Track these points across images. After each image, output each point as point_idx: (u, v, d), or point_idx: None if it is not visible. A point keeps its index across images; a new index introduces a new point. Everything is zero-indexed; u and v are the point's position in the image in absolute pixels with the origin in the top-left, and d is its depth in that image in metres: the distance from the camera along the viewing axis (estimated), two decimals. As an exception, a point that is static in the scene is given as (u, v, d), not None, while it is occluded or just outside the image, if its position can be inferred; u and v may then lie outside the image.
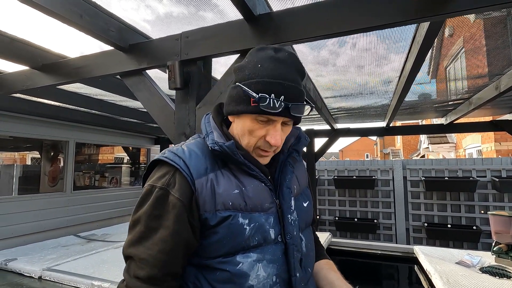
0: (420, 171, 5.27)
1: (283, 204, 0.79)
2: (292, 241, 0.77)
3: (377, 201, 5.55)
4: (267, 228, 0.74)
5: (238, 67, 0.78)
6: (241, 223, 0.72)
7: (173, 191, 0.71)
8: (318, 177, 5.93)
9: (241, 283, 0.70)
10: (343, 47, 2.19)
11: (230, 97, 0.77)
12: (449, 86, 3.12)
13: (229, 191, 0.73)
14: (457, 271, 2.74)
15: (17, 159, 6.72)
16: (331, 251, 3.91)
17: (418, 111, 3.99)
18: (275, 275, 0.74)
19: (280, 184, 0.81)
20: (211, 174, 0.74)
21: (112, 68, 1.72)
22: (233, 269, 0.70)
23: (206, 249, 0.72)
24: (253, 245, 0.72)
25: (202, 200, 0.71)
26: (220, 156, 0.76)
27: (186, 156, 0.74)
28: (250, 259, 0.72)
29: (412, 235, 5.25)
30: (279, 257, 0.75)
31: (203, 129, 0.82)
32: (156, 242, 0.70)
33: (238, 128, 0.78)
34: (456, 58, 2.66)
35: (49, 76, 1.95)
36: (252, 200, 0.74)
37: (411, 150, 18.36)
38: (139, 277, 0.69)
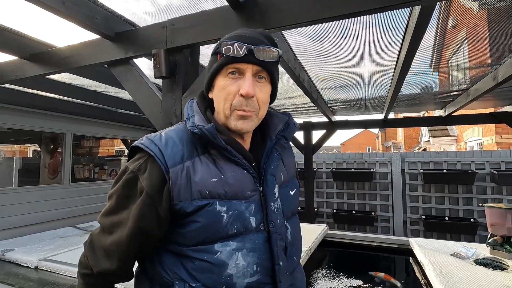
0: (419, 163, 5.24)
1: (267, 192, 0.77)
2: (275, 229, 0.75)
3: (375, 194, 5.54)
4: (247, 216, 0.73)
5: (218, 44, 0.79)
6: (218, 211, 0.70)
7: (141, 178, 0.72)
8: (316, 170, 5.92)
9: (220, 272, 0.69)
10: (344, 39, 2.15)
11: (207, 70, 0.80)
12: (451, 78, 3.07)
13: (206, 179, 0.71)
14: (451, 263, 2.74)
15: (16, 152, 6.76)
16: (327, 243, 3.92)
17: (416, 103, 3.95)
18: (255, 263, 0.72)
19: (264, 171, 0.79)
20: (188, 162, 0.72)
21: (99, 57, 1.70)
22: (211, 258, 0.69)
23: (184, 237, 0.71)
24: (232, 233, 0.71)
25: (177, 189, 0.70)
26: (201, 141, 0.75)
27: (162, 143, 0.73)
28: (229, 247, 0.70)
29: (409, 227, 5.25)
30: (261, 246, 0.74)
31: (185, 112, 0.80)
32: (121, 221, 0.72)
33: (216, 96, 0.77)
34: (459, 50, 2.61)
35: (38, 66, 1.94)
36: (232, 187, 0.72)
37: (412, 144, 18.27)
38: (97, 247, 0.74)
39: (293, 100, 3.69)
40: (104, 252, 0.72)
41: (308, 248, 3.02)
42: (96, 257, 0.73)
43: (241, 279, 0.70)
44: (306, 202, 4.96)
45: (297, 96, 3.43)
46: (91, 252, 0.75)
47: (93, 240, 0.76)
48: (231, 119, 0.75)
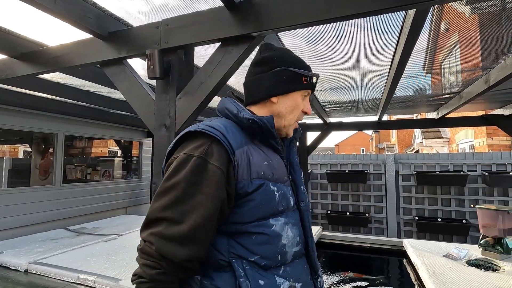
0: (412, 165, 5.29)
1: (296, 177, 0.93)
2: (305, 207, 0.91)
3: (369, 195, 5.58)
4: (288, 196, 0.85)
5: (268, 57, 0.90)
6: (272, 190, 0.80)
7: (212, 160, 0.75)
8: (311, 171, 5.93)
9: (276, 242, 0.79)
10: (339, 41, 2.16)
11: (278, 80, 0.88)
12: (444, 81, 3.10)
13: (261, 162, 0.81)
14: (443, 264, 2.77)
15: (6, 152, 6.63)
16: (321, 244, 3.93)
17: (410, 105, 3.98)
18: (298, 235, 0.86)
19: (290, 162, 0.94)
20: (246, 146, 0.81)
21: (91, 57, 1.67)
22: (269, 231, 0.78)
23: (242, 215, 0.77)
24: (281, 210, 0.82)
25: (241, 169, 0.77)
26: (253, 131, 0.84)
27: (223, 128, 0.79)
28: (280, 222, 0.81)
29: (403, 228, 5.29)
30: (298, 221, 0.88)
31: (232, 107, 0.87)
32: (195, 205, 0.72)
33: (287, 105, 0.90)
34: (451, 53, 2.65)
35: (28, 65, 1.89)
36: (277, 171, 0.84)
37: (406, 145, 18.46)
38: (172, 237, 0.71)
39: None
40: (184, 240, 0.71)
41: (303, 250, 3.02)
42: (176, 248, 0.70)
43: (291, 248, 0.82)
44: (301, 204, 4.97)
45: (292, 97, 3.43)
46: (167, 245, 0.70)
47: (163, 234, 0.71)
48: (290, 127, 0.93)
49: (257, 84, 0.90)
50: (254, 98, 0.91)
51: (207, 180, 0.73)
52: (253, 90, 0.91)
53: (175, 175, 0.75)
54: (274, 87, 0.88)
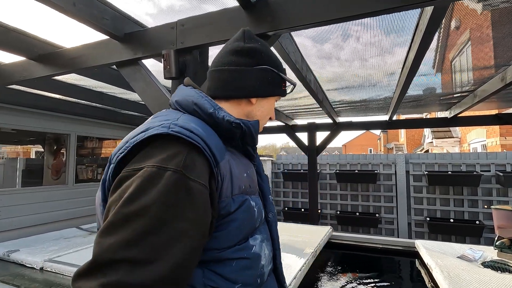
0: (423, 165, 5.21)
1: (263, 186, 0.82)
2: (273, 218, 0.82)
3: (379, 195, 5.52)
4: (261, 208, 0.76)
5: (254, 50, 0.79)
6: (252, 205, 0.70)
7: (193, 176, 0.56)
8: (320, 171, 5.90)
9: (257, 265, 0.70)
10: (346, 40, 2.15)
11: (263, 80, 0.79)
12: (454, 79, 3.05)
13: (241, 173, 0.70)
14: (458, 265, 2.72)
15: (20, 153, 6.78)
16: (332, 245, 3.89)
17: (421, 104, 3.93)
18: (271, 251, 0.78)
19: (258, 168, 0.84)
20: (226, 155, 0.67)
21: (108, 58, 1.69)
22: (250, 254, 0.69)
23: (223, 239, 0.65)
24: (257, 226, 0.73)
25: (226, 185, 0.64)
26: (232, 136, 0.71)
27: (202, 133, 0.62)
28: (258, 240, 0.72)
29: (414, 229, 5.22)
30: (268, 235, 0.79)
31: (205, 103, 0.70)
32: (175, 236, 0.52)
33: (263, 109, 0.82)
34: (462, 51, 2.60)
35: (46, 67, 1.93)
36: (253, 182, 0.75)
37: (415, 145, 18.21)
38: (141, 285, 0.48)
39: (297, 101, 3.68)
40: (163, 285, 0.50)
41: (314, 250, 3.00)
42: None
43: (267, 267, 0.74)
44: (310, 204, 4.94)
45: (302, 97, 3.42)
46: None
47: (125, 284, 0.47)
48: (258, 133, 0.84)
49: (239, 77, 0.76)
50: (230, 93, 0.77)
51: (189, 201, 0.55)
52: (231, 84, 0.77)
53: (140, 196, 0.52)
54: (258, 87, 0.78)
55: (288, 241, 3.35)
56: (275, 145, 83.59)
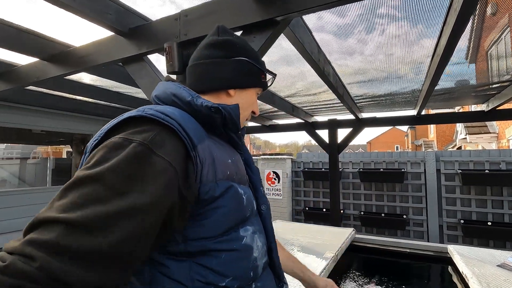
0: (456, 163, 4.81)
1: (253, 178, 0.81)
2: (267, 211, 0.80)
3: (407, 196, 5.18)
4: (252, 199, 0.74)
5: (228, 42, 0.79)
6: (240, 192, 0.68)
7: (159, 152, 0.54)
8: (342, 170, 5.65)
9: (248, 257, 0.68)
10: (370, 33, 2.00)
11: (240, 71, 0.78)
12: (491, 68, 2.76)
13: (224, 159, 0.68)
14: (499, 275, 2.43)
15: (50, 153, 7.13)
16: (355, 248, 3.68)
17: (454, 97, 3.60)
18: (265, 244, 0.76)
19: (246, 160, 0.82)
20: (206, 141, 0.65)
21: (113, 54, 1.65)
22: (240, 245, 0.66)
23: (209, 227, 0.62)
24: (247, 216, 0.70)
25: (207, 169, 0.61)
26: (213, 122, 0.70)
27: (178, 116, 0.61)
28: (249, 231, 0.69)
29: (446, 232, 4.85)
30: (262, 227, 0.77)
31: (183, 92, 0.70)
32: (127, 209, 0.48)
33: (243, 101, 0.80)
34: (499, 39, 2.37)
35: (57, 67, 1.93)
36: (240, 171, 0.73)
37: (446, 142, 17.15)
38: (77, 251, 0.43)
39: (316, 96, 3.49)
40: (100, 259, 0.44)
41: (335, 254, 2.83)
42: (82, 270, 0.43)
43: (261, 260, 0.71)
44: (332, 204, 4.73)
45: (321, 92, 3.24)
46: (65, 264, 0.42)
47: (58, 245, 0.42)
48: (241, 126, 0.82)
49: (215, 70, 0.76)
50: (207, 85, 0.77)
51: (150, 176, 0.51)
52: (208, 77, 0.76)
53: (99, 164, 0.50)
54: (235, 78, 0.77)
55: (307, 244, 3.20)
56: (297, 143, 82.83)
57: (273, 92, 3.36)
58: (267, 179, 6.18)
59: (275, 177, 6.10)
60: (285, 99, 3.67)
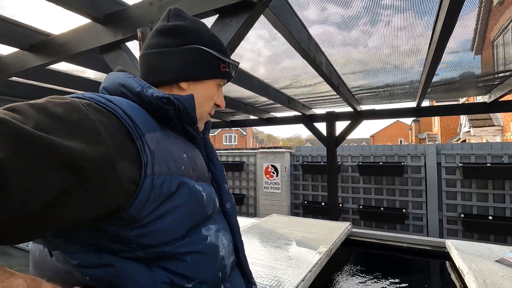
0: (457, 156, 4.71)
1: (217, 174, 0.77)
2: (232, 209, 0.77)
3: (406, 189, 5.10)
4: (214, 196, 0.70)
5: (178, 28, 0.71)
6: (198, 189, 0.63)
7: (97, 118, 0.49)
8: (341, 163, 5.57)
9: (215, 257, 0.64)
10: (375, 25, 1.91)
11: (192, 61, 0.70)
12: (497, 57, 2.66)
13: (178, 153, 0.62)
14: (496, 271, 2.37)
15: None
16: (351, 242, 3.64)
17: (455, 88, 3.49)
18: (231, 242, 0.72)
19: (209, 155, 0.78)
20: (157, 132, 0.59)
21: (91, 42, 1.58)
22: (204, 246, 0.62)
23: (168, 230, 0.57)
24: (209, 214, 0.66)
25: (158, 160, 0.55)
26: (165, 114, 0.64)
27: (125, 105, 0.56)
28: (212, 230, 0.65)
29: (446, 226, 4.77)
30: (227, 225, 0.74)
31: (133, 83, 0.64)
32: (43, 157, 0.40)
33: (199, 94, 0.73)
34: (506, 30, 2.29)
35: (37, 56, 1.87)
36: (198, 167, 0.67)
37: (450, 135, 16.92)
38: None
39: (312, 88, 3.40)
40: None
41: (328, 249, 2.78)
42: None
43: (229, 259, 0.68)
44: (329, 198, 4.67)
45: (315, 83, 3.15)
46: None
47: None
48: (201, 122, 0.76)
49: (163, 60, 0.69)
50: (156, 78, 0.70)
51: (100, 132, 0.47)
52: (156, 68, 0.70)
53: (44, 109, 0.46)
54: (186, 69, 0.69)
55: (302, 238, 3.15)
56: (300, 137, 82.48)
57: (267, 84, 3.27)
58: (266, 172, 6.13)
59: (273, 170, 6.04)
60: (281, 91, 3.58)
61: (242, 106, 4.30)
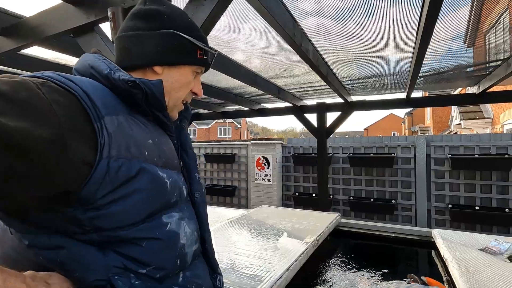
0: (446, 147, 4.74)
1: (189, 163, 0.77)
2: (201, 198, 0.77)
3: (396, 181, 5.13)
4: (180, 184, 0.70)
5: (154, 12, 0.70)
6: (161, 176, 0.63)
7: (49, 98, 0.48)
8: (333, 155, 5.57)
9: (174, 244, 0.64)
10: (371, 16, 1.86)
11: (167, 46, 0.69)
12: (488, 50, 2.68)
13: (143, 138, 0.62)
14: (479, 259, 2.40)
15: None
16: (339, 233, 3.65)
17: (445, 78, 3.47)
18: (195, 230, 0.72)
19: (182, 144, 0.78)
20: (121, 115, 0.59)
21: (63, 25, 1.50)
22: (163, 233, 0.62)
23: (126, 214, 0.57)
24: (173, 202, 0.66)
25: (116, 143, 0.54)
26: (132, 98, 0.63)
27: (87, 84, 0.56)
28: (174, 218, 0.65)
29: (434, 217, 4.83)
30: (193, 215, 0.74)
31: (102, 64, 0.63)
32: None
33: (174, 80, 0.72)
34: (498, 22, 2.30)
35: (9, 40, 1.78)
36: (165, 154, 0.67)
37: (442, 128, 17.09)
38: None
39: (300, 78, 3.36)
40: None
41: (316, 239, 2.78)
42: None
43: (190, 247, 0.69)
44: (320, 189, 4.68)
45: (304, 73, 3.10)
46: None
47: None
48: (175, 108, 0.75)
49: (137, 43, 0.68)
50: (130, 62, 0.69)
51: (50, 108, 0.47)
52: (131, 51, 0.69)
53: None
54: (161, 54, 0.69)
55: (290, 228, 3.15)
56: (295, 130, 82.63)
57: (255, 73, 3.22)
58: (257, 164, 6.11)
59: (264, 162, 6.02)
60: (270, 80, 3.53)
61: (232, 96, 4.24)
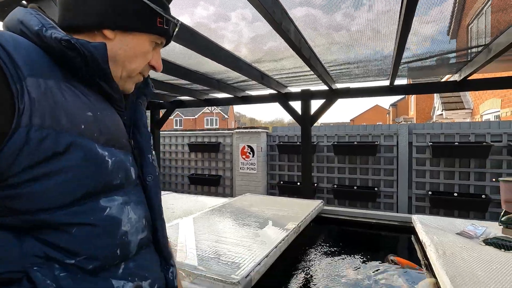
0: (428, 136, 4.80)
1: (142, 143, 0.70)
2: (154, 182, 0.70)
3: (379, 169, 5.19)
4: (128, 166, 0.63)
5: None
6: (101, 154, 0.55)
7: None
8: (317, 143, 5.56)
9: (113, 231, 0.56)
10: None
11: (120, 6, 0.59)
12: (470, 38, 2.70)
13: (79, 109, 0.53)
14: (456, 243, 2.44)
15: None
16: (322, 220, 3.66)
17: (427, 65, 3.47)
18: (144, 217, 0.65)
19: (136, 122, 0.71)
20: (51, 80, 0.50)
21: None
22: (100, 218, 0.54)
23: (51, 195, 0.49)
24: (116, 184, 0.58)
25: (40, 111, 0.47)
26: (70, 62, 0.54)
27: (7, 39, 0.48)
28: (116, 202, 0.58)
29: (414, 204, 4.93)
30: (143, 200, 0.67)
31: (33, 19, 0.54)
32: None
33: (128, 47, 0.62)
34: (481, 13, 2.34)
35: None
36: (109, 130, 0.58)
37: (425, 119, 17.49)
38: None
39: (283, 63, 3.26)
40: None
41: (297, 225, 2.75)
42: None
43: (135, 236, 0.61)
44: (303, 177, 4.66)
45: (287, 57, 3.01)
46: None
47: None
48: (130, 81, 0.66)
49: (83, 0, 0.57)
50: (75, 20, 0.59)
51: None
52: (75, 8, 0.58)
53: None
54: (112, 14, 0.58)
55: (272, 215, 3.12)
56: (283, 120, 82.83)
57: (237, 57, 3.10)
58: (242, 153, 6.04)
59: (249, 151, 5.96)
60: (252, 65, 3.42)
61: (214, 82, 4.11)
